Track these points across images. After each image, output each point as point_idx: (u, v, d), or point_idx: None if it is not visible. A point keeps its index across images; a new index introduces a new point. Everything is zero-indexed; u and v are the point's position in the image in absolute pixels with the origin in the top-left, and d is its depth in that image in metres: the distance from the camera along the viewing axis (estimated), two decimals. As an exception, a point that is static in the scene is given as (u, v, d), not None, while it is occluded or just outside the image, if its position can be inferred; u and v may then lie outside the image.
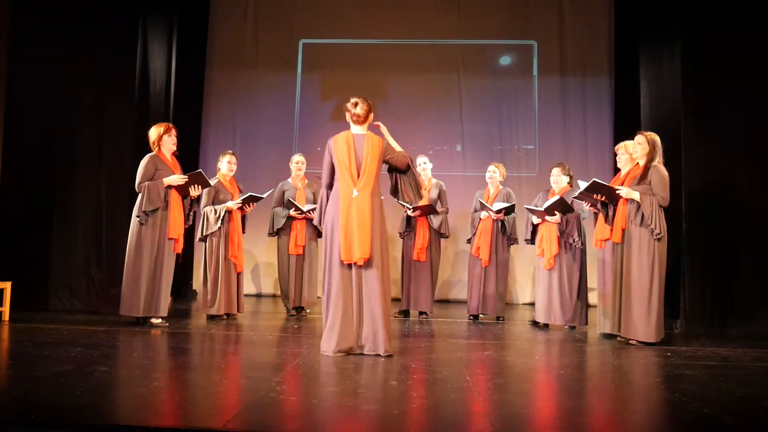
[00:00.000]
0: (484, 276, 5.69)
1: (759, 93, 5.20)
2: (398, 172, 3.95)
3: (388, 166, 3.93)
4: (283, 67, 8.40)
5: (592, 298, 5.50)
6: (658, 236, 4.31)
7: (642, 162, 4.52)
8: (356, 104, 3.82)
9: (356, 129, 3.85)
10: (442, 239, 5.91)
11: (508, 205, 5.65)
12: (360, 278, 3.66)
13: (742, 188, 5.20)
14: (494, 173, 5.87)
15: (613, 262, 4.64)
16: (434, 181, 5.92)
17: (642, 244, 4.35)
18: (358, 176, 3.73)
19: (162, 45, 6.66)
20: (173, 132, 4.88)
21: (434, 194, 5.82)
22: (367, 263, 3.65)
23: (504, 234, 5.73)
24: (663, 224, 4.32)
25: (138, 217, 4.64)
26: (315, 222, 3.98)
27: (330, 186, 3.85)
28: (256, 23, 8.47)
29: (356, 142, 3.80)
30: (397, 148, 4.00)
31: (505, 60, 8.29)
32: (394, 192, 4.00)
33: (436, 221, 5.72)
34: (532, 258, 7.72)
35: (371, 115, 3.87)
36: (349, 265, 3.67)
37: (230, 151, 5.62)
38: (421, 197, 4.04)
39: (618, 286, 4.48)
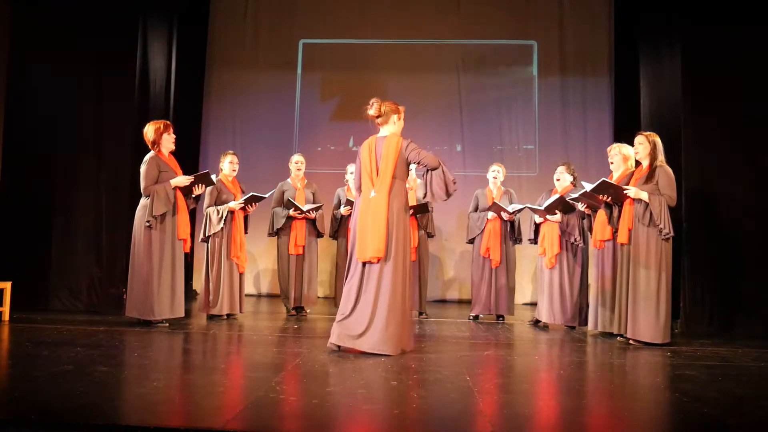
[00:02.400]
0: (495, 276, 5.70)
1: (759, 93, 5.20)
2: (428, 171, 3.87)
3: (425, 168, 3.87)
4: (283, 67, 8.40)
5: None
6: (667, 236, 4.29)
7: (645, 162, 4.50)
8: (371, 105, 3.85)
9: (381, 131, 3.90)
10: (429, 239, 5.92)
11: (523, 206, 5.67)
12: (376, 277, 3.67)
13: (742, 188, 5.20)
14: (498, 173, 5.87)
15: (613, 261, 4.64)
16: (419, 181, 5.91)
17: (650, 244, 4.32)
18: (377, 177, 3.77)
19: (162, 45, 6.65)
20: (171, 129, 4.83)
21: (420, 194, 5.83)
22: (382, 263, 3.67)
23: (512, 233, 5.74)
24: (671, 224, 4.32)
25: (147, 222, 4.58)
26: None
27: (360, 190, 3.92)
28: (256, 23, 8.47)
29: (378, 144, 3.84)
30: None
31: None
32: (426, 193, 3.92)
33: (423, 221, 5.74)
34: (533, 258, 7.75)
35: (394, 116, 3.85)
36: (365, 264, 3.71)
37: (232, 152, 5.62)
38: (448, 195, 3.95)
39: (624, 286, 4.45)
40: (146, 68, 6.23)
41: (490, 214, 5.73)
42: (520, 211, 5.69)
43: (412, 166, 5.80)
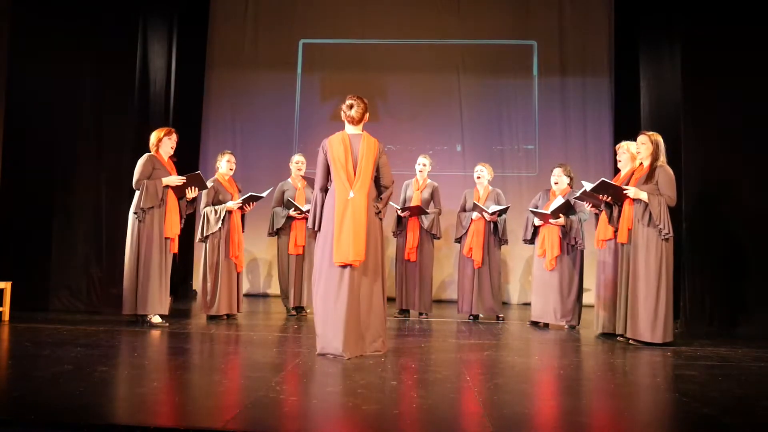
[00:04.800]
0: (478, 277, 5.69)
1: (759, 93, 5.20)
2: (382, 186, 3.84)
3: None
4: (283, 68, 8.40)
5: (587, 297, 5.51)
6: (666, 236, 4.29)
7: (646, 162, 4.50)
8: (351, 106, 3.75)
9: (351, 129, 3.79)
10: (435, 239, 5.91)
11: (504, 207, 5.65)
12: (354, 280, 3.59)
13: (742, 188, 5.20)
14: (482, 173, 5.86)
15: (615, 262, 4.63)
16: (428, 181, 5.92)
17: (650, 244, 4.32)
18: (355, 177, 3.67)
19: (162, 45, 6.65)
20: (174, 136, 4.94)
21: (426, 195, 5.82)
22: (362, 265, 3.62)
23: (496, 235, 5.73)
24: (670, 224, 4.32)
25: (135, 213, 4.68)
26: (309, 225, 3.85)
27: (324, 188, 3.79)
28: (256, 23, 8.47)
29: (352, 142, 3.73)
30: None
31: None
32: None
33: (426, 221, 5.72)
34: (527, 258, 7.75)
35: (367, 115, 3.81)
36: (342, 267, 3.60)
37: (229, 151, 5.63)
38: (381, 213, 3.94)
39: (624, 286, 4.45)
40: (146, 68, 6.23)
41: (475, 215, 5.73)
42: (504, 211, 5.67)
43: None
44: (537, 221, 5.42)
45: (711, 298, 5.15)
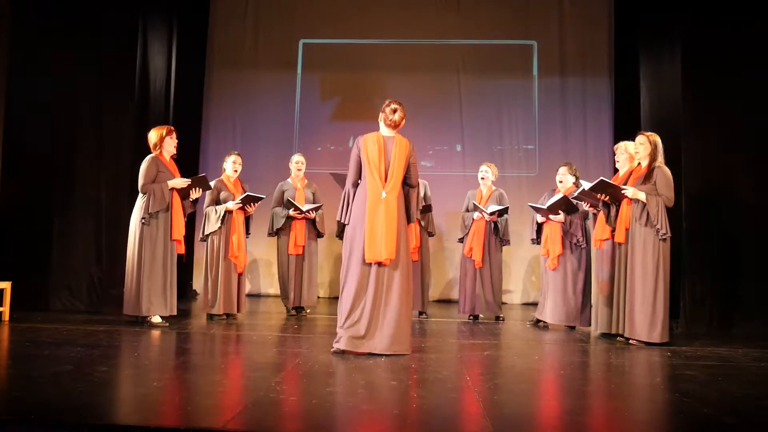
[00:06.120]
0: (479, 277, 5.70)
1: (759, 93, 5.20)
2: (407, 185, 3.92)
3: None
4: (283, 67, 8.40)
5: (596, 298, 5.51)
6: (664, 236, 4.30)
7: (644, 162, 4.50)
8: (395, 111, 3.82)
9: (386, 131, 3.86)
10: (430, 238, 5.92)
11: (502, 207, 5.65)
12: (385, 278, 3.65)
13: (742, 188, 5.20)
14: (486, 173, 5.86)
15: (614, 262, 4.63)
16: (425, 182, 5.93)
17: (647, 244, 4.32)
18: (386, 178, 3.74)
19: (162, 45, 6.65)
20: (174, 135, 4.91)
21: (420, 192, 5.83)
22: (393, 263, 3.66)
23: (496, 235, 5.73)
24: (668, 224, 4.32)
25: (143, 219, 4.65)
26: (338, 218, 3.90)
27: (355, 184, 3.86)
28: (256, 23, 8.46)
29: (386, 144, 3.82)
30: None
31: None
32: None
33: (423, 220, 5.74)
34: (529, 258, 7.76)
35: (404, 122, 3.87)
36: (369, 265, 3.66)
37: (236, 152, 5.63)
38: (414, 220, 4.02)
39: (621, 286, 4.46)
40: (146, 68, 6.23)
41: (476, 215, 5.73)
42: (504, 212, 5.67)
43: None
44: (539, 218, 5.42)
45: (711, 298, 5.15)
